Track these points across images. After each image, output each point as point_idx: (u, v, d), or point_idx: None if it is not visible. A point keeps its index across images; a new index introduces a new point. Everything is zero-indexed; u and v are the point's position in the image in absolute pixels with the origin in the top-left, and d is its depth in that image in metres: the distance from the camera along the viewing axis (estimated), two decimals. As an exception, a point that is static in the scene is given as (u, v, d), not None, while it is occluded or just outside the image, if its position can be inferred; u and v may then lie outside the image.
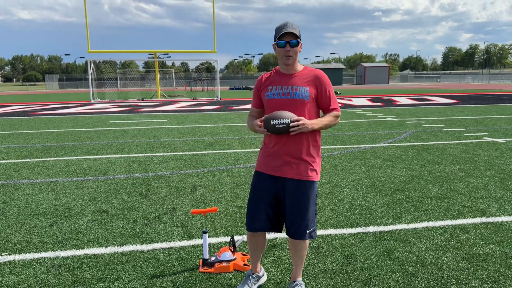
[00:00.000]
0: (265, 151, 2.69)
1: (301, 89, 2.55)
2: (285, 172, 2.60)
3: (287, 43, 2.50)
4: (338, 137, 9.59)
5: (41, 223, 4.22)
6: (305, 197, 2.61)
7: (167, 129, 11.56)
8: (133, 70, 60.00)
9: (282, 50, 2.52)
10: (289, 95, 2.54)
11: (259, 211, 2.67)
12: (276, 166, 2.61)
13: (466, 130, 10.44)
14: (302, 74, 2.61)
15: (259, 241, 2.81)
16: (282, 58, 2.55)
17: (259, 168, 2.70)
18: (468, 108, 16.72)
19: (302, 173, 2.59)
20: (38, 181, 5.87)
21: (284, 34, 2.50)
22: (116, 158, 7.48)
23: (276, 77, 2.63)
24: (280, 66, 2.65)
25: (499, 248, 3.48)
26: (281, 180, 2.62)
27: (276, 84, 2.60)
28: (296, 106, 2.54)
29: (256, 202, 2.68)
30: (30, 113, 17.93)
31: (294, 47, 2.52)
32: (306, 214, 2.62)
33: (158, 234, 3.90)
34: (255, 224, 2.70)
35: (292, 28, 2.49)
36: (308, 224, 2.64)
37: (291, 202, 2.61)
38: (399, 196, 4.95)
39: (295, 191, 2.60)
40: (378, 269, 3.16)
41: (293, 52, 2.53)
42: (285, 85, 2.57)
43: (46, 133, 11.01)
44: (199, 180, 5.81)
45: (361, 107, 18.20)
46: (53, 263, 3.32)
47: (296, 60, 2.60)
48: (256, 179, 2.72)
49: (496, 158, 6.97)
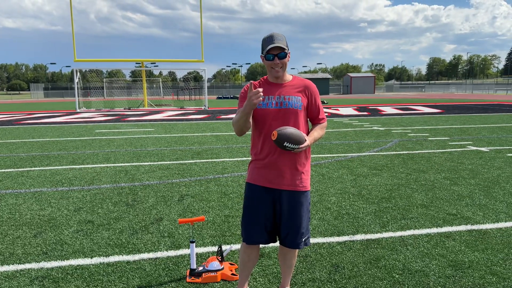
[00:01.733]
0: (257, 162, 2.62)
1: (294, 98, 2.55)
2: (280, 184, 2.57)
3: (276, 56, 2.50)
4: (325, 146, 9.65)
5: (25, 234, 4.14)
6: (300, 207, 2.61)
7: (154, 138, 11.50)
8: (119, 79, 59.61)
9: (271, 63, 2.52)
10: (282, 104, 2.52)
11: (256, 224, 2.63)
12: (270, 178, 2.57)
13: (450, 139, 10.60)
14: (292, 83, 2.61)
15: (253, 253, 2.76)
16: (271, 70, 2.55)
17: (252, 180, 2.64)
18: (452, 118, 17.00)
19: (297, 184, 2.59)
20: (22, 191, 5.78)
21: (272, 48, 2.49)
22: (102, 167, 7.41)
23: (266, 87, 2.59)
24: (269, 77, 2.63)
25: (484, 255, 3.52)
26: (277, 192, 2.59)
27: (267, 94, 2.55)
28: (290, 116, 2.52)
29: (253, 215, 2.63)
30: (14, 122, 17.67)
31: (283, 59, 2.51)
32: (301, 223, 2.63)
33: (145, 244, 3.86)
34: (253, 237, 2.66)
35: (279, 41, 2.48)
36: (303, 232, 2.65)
37: (287, 213, 2.60)
38: (386, 204, 4.99)
39: (291, 202, 2.59)
40: (366, 277, 3.17)
41: (282, 63, 2.52)
42: (277, 94, 2.55)
43: (31, 143, 10.85)
44: (186, 189, 5.78)
45: (348, 117, 18.36)
46: (37, 275, 3.26)
47: (285, 70, 2.59)
48: (250, 192, 2.66)
49: (480, 166, 7.09)
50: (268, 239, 2.68)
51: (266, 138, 2.55)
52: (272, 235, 2.69)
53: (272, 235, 2.69)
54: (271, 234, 2.68)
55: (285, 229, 2.63)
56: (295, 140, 2.41)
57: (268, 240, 2.68)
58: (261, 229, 2.63)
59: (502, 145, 9.46)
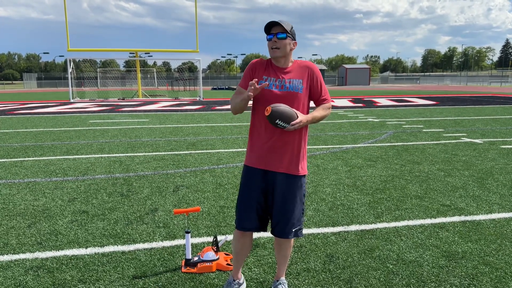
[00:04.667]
0: (255, 144, 2.62)
1: (295, 81, 2.56)
2: (277, 166, 2.57)
3: (275, 35, 2.50)
4: (320, 137, 9.66)
5: (19, 224, 4.12)
6: (294, 194, 2.60)
7: (148, 129, 11.45)
8: (113, 69, 59.17)
9: (270, 43, 2.52)
10: (283, 88, 2.54)
11: (250, 210, 2.62)
12: (267, 160, 2.57)
13: (445, 130, 10.65)
14: (294, 67, 2.62)
15: (246, 242, 2.76)
16: (270, 51, 2.55)
17: (250, 162, 2.64)
18: (446, 110, 17.06)
19: (293, 168, 2.59)
20: (15, 181, 5.74)
21: (272, 27, 2.50)
22: (96, 158, 7.37)
23: (270, 69, 2.61)
24: (272, 59, 2.64)
25: (477, 246, 3.55)
26: (272, 175, 2.59)
27: (270, 75, 2.58)
28: (291, 99, 2.53)
29: (248, 200, 2.63)
30: (7, 112, 17.52)
31: (282, 39, 2.50)
32: (294, 212, 2.61)
33: (140, 234, 3.86)
34: (246, 224, 2.65)
35: (280, 21, 2.49)
36: (294, 223, 2.63)
37: (280, 197, 2.59)
38: (380, 195, 5.01)
39: (286, 185, 2.58)
40: (360, 267, 3.19)
41: (280, 44, 2.51)
42: (279, 77, 2.57)
43: (24, 133, 10.77)
44: (181, 180, 5.77)
45: (343, 108, 18.37)
46: (31, 265, 3.25)
47: (286, 54, 2.57)
48: (246, 175, 2.65)
49: (474, 158, 7.13)
50: (259, 226, 2.67)
51: (264, 121, 2.55)
52: (264, 222, 2.69)
53: (263, 221, 2.68)
54: (262, 220, 2.67)
55: (276, 215, 2.62)
56: (287, 117, 2.42)
57: (259, 227, 2.67)
58: (253, 214, 2.63)
59: (496, 137, 9.52)
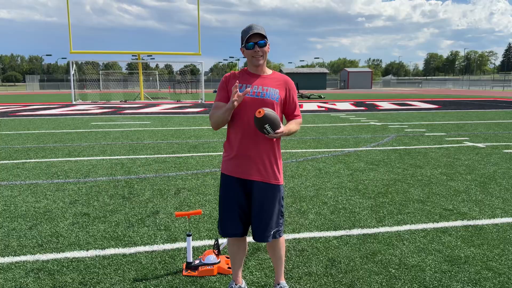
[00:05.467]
0: (231, 152, 2.62)
1: (271, 90, 2.56)
2: (253, 175, 2.57)
3: (255, 44, 2.51)
4: (322, 140, 9.64)
5: (20, 226, 4.12)
6: (271, 201, 2.60)
7: (150, 131, 11.45)
8: (116, 72, 59.28)
9: (251, 52, 2.52)
10: (260, 94, 2.53)
11: (232, 217, 2.64)
12: (243, 168, 2.57)
13: (447, 134, 10.62)
14: (272, 77, 2.63)
15: (240, 246, 2.78)
16: (252, 59, 2.55)
17: (226, 171, 2.65)
18: (449, 113, 17.03)
19: (269, 176, 2.59)
20: (17, 183, 5.74)
21: (252, 36, 2.50)
22: (98, 160, 7.37)
23: (246, 76, 2.60)
24: (249, 67, 2.64)
25: (479, 251, 3.53)
26: (249, 183, 2.59)
27: (246, 82, 2.57)
28: (266, 106, 2.51)
29: (228, 206, 2.65)
30: (9, 114, 17.56)
31: (263, 47, 2.52)
32: (271, 217, 2.61)
33: (141, 237, 3.84)
34: (228, 230, 2.68)
35: (258, 29, 2.50)
36: (272, 226, 2.63)
37: (257, 205, 2.60)
38: (382, 199, 4.99)
39: (262, 194, 2.58)
40: (362, 271, 3.17)
41: (262, 52, 2.53)
42: (255, 84, 2.56)
43: (26, 134, 10.79)
44: (183, 182, 5.77)
45: (345, 111, 18.35)
46: (32, 267, 3.24)
47: (265, 61, 2.59)
48: (224, 183, 2.67)
49: (477, 162, 7.10)
50: (244, 231, 2.70)
51: (240, 128, 2.54)
52: (247, 228, 2.71)
53: (247, 227, 2.70)
54: (246, 226, 2.69)
55: (255, 221, 2.63)
56: (275, 124, 2.42)
57: (244, 232, 2.70)
58: (235, 221, 2.64)
59: (499, 141, 9.49)
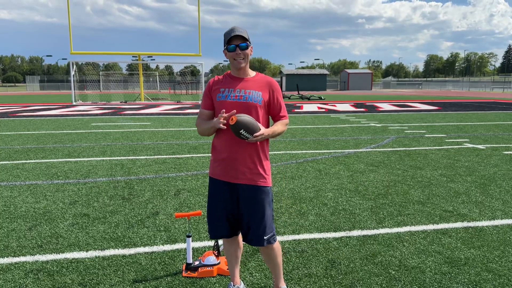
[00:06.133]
0: (217, 156, 2.62)
1: (254, 93, 2.54)
2: (239, 178, 2.56)
3: (237, 46, 2.49)
4: (322, 141, 9.64)
5: (20, 227, 4.11)
6: (260, 203, 2.58)
7: (150, 132, 11.45)
8: (116, 73, 59.34)
9: (233, 54, 2.51)
10: (242, 98, 2.51)
11: (218, 218, 2.65)
12: (230, 172, 2.56)
13: (447, 136, 10.62)
14: (255, 79, 2.60)
15: (233, 246, 2.79)
16: (233, 62, 2.53)
17: (213, 174, 2.65)
18: (449, 115, 17.03)
19: (256, 178, 2.57)
20: (17, 184, 5.74)
21: (233, 38, 2.48)
22: (98, 161, 7.37)
23: (228, 80, 2.60)
24: (232, 71, 2.63)
25: (479, 252, 3.53)
26: (236, 186, 2.58)
27: (228, 86, 2.56)
28: (249, 110, 2.50)
29: (214, 209, 2.65)
30: (10, 114, 17.56)
31: (244, 50, 2.50)
32: (262, 220, 2.59)
33: (141, 238, 3.84)
34: (215, 231, 2.69)
35: (240, 32, 2.48)
36: (265, 230, 2.61)
37: (246, 208, 2.58)
38: (382, 200, 4.99)
39: (250, 197, 2.57)
40: (362, 273, 3.17)
41: (243, 55, 2.51)
42: (237, 88, 2.54)
43: (26, 135, 10.79)
44: (183, 183, 5.76)
45: (345, 113, 18.36)
46: (32, 268, 3.24)
47: (247, 64, 2.58)
48: (212, 186, 2.67)
49: (477, 164, 7.10)
50: (232, 232, 2.70)
51: (224, 132, 2.53)
52: (236, 229, 2.71)
53: (235, 228, 2.70)
54: (235, 227, 2.69)
55: (245, 225, 2.62)
56: (251, 129, 2.41)
57: (232, 233, 2.70)
58: (223, 223, 2.65)
59: (499, 142, 9.49)
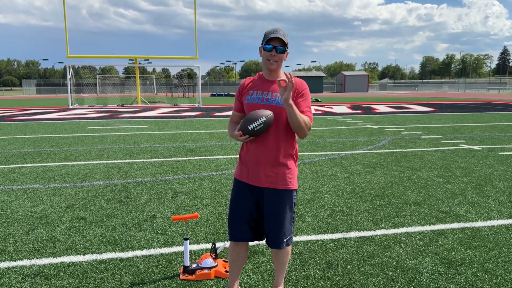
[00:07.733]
0: (243, 158, 2.63)
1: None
2: (262, 181, 2.55)
3: (274, 48, 2.45)
4: (319, 143, 9.66)
5: (17, 231, 4.10)
6: (283, 207, 2.57)
7: (147, 135, 11.44)
8: (112, 76, 59.25)
9: (268, 54, 2.47)
10: (268, 101, 2.50)
11: (240, 221, 2.62)
12: (253, 175, 2.56)
13: (443, 137, 10.66)
14: None
15: (241, 252, 2.76)
16: (266, 62, 2.50)
17: (238, 176, 2.66)
18: (445, 116, 17.09)
19: (280, 182, 2.55)
20: (13, 188, 5.72)
21: (273, 39, 2.45)
22: (94, 164, 7.36)
23: (258, 82, 2.60)
24: (263, 71, 2.61)
25: (476, 253, 3.54)
26: (260, 189, 2.58)
27: (257, 89, 2.56)
28: (275, 113, 2.48)
29: (237, 211, 2.63)
30: (6, 118, 17.51)
31: (280, 53, 2.47)
32: (283, 223, 2.59)
33: (138, 241, 3.84)
34: (237, 234, 2.66)
35: (281, 35, 2.44)
36: (285, 233, 2.62)
37: (269, 212, 2.58)
38: (379, 202, 5.00)
39: (273, 200, 2.56)
40: (359, 274, 3.18)
41: (278, 58, 2.48)
42: (265, 90, 2.54)
43: (23, 139, 10.76)
44: (180, 186, 5.76)
45: (341, 115, 18.40)
46: (29, 272, 3.23)
47: (280, 67, 2.55)
48: (236, 188, 2.67)
49: (473, 165, 7.13)
50: (253, 236, 2.67)
51: None
52: (257, 233, 2.68)
53: (256, 232, 2.68)
54: (255, 231, 2.67)
55: (267, 228, 2.62)
56: (253, 117, 2.41)
57: (253, 237, 2.67)
58: (243, 226, 2.63)
59: (494, 143, 9.53)
